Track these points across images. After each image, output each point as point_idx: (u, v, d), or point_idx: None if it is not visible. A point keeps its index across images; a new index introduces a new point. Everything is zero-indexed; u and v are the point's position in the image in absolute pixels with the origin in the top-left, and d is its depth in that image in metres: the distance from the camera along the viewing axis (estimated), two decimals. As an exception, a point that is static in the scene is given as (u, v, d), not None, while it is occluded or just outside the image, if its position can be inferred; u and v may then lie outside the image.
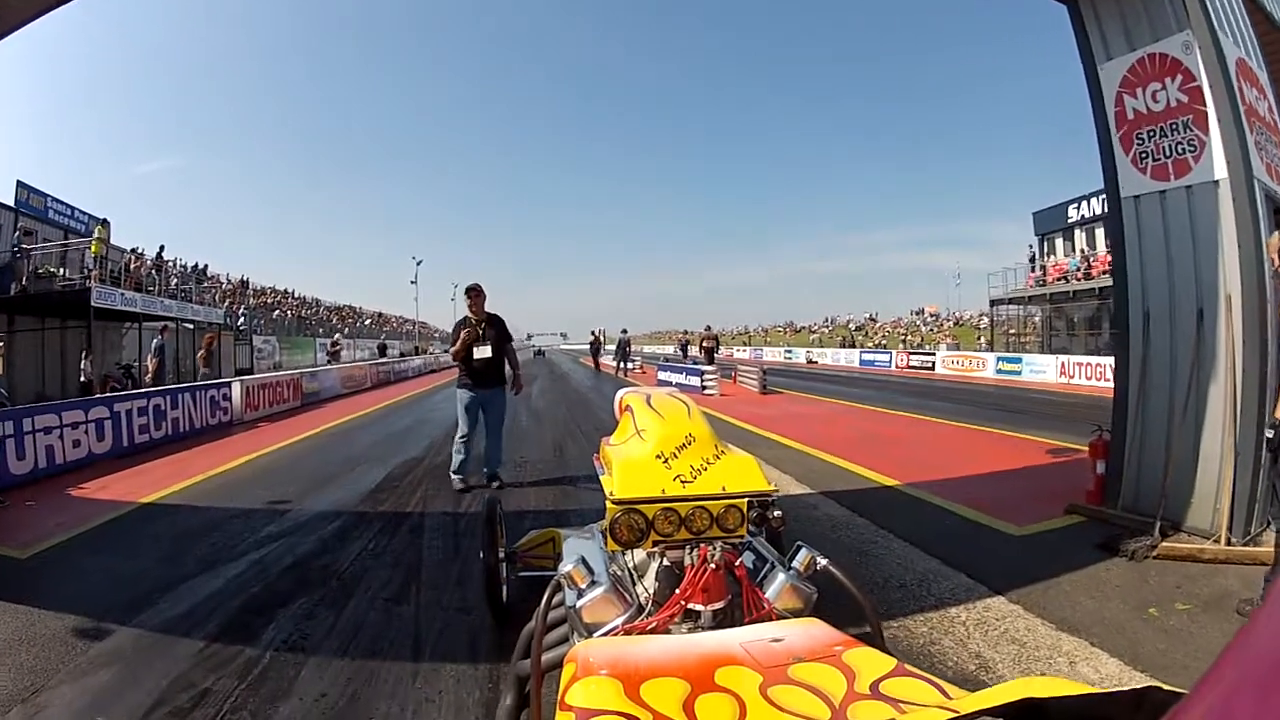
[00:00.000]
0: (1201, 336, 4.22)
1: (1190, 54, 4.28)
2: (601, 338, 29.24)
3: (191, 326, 19.70)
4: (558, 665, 1.20)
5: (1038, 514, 4.56)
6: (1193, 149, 4.35)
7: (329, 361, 19.31)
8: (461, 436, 5.60)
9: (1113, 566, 3.62)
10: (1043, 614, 2.98)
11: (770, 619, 1.47)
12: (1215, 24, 4.17)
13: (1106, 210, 5.01)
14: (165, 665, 2.63)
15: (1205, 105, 4.18)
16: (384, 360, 25.62)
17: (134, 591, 3.43)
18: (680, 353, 26.45)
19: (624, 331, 24.18)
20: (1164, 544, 3.79)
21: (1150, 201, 4.61)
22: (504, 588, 2.92)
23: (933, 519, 4.63)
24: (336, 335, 27.75)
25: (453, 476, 5.69)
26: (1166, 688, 0.63)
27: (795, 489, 5.58)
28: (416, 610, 3.14)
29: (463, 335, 5.48)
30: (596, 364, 27.06)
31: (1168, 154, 4.49)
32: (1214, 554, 3.73)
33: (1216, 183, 4.20)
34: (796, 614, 1.52)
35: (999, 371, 21.71)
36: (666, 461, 1.74)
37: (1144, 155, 4.64)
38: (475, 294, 5.54)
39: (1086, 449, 4.91)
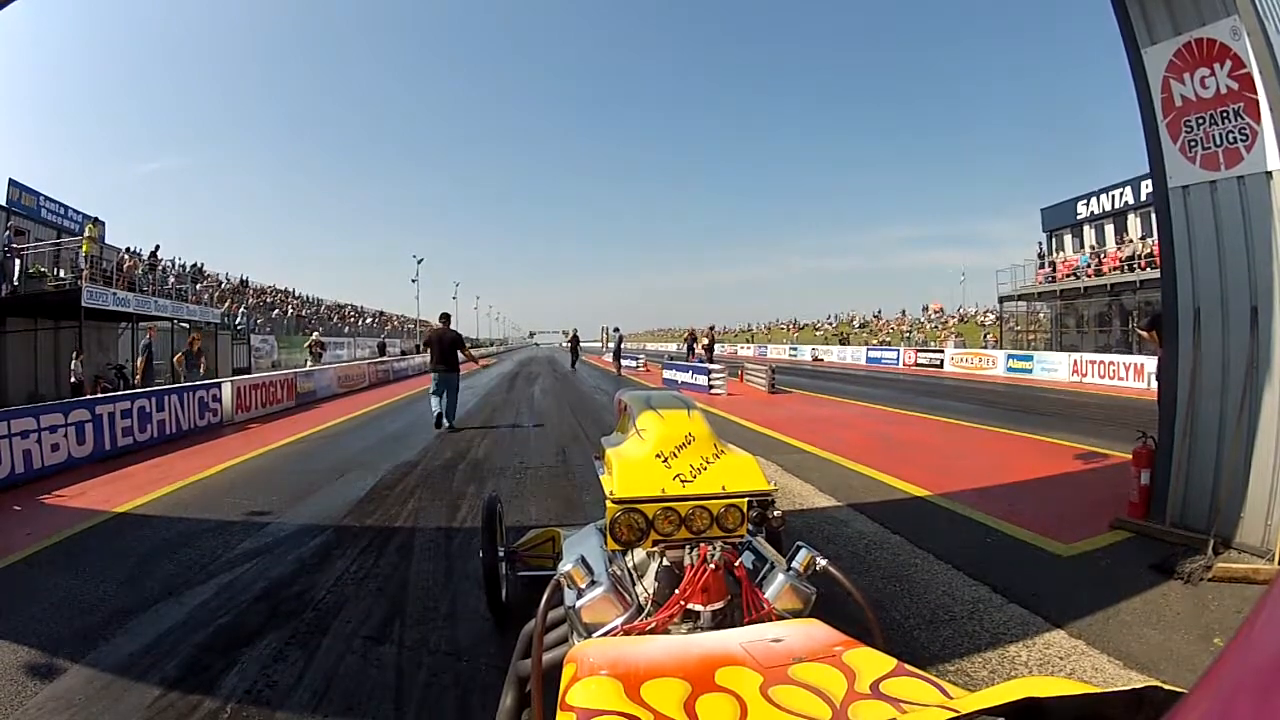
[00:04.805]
0: (1257, 338, 4.00)
1: (1239, 39, 4.14)
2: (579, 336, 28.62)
3: (188, 326, 19.44)
4: (558, 665, 1.16)
5: (1082, 530, 4.32)
6: (1244, 138, 4.21)
7: (309, 362, 17.91)
8: (435, 405, 9.33)
9: (1169, 591, 3.42)
10: (1107, 649, 2.79)
11: (770, 619, 1.45)
12: (1260, 12, 3.90)
13: (1154, 201, 4.74)
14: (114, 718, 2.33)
15: (1256, 93, 3.96)
16: (382, 359, 25.28)
17: (94, 618, 3.18)
18: (687, 349, 25.92)
19: (616, 330, 23.88)
20: (1219, 564, 3.61)
21: (1200, 193, 4.40)
22: (504, 587, 2.94)
23: (972, 536, 4.35)
24: (315, 334, 23.46)
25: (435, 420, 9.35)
26: (1167, 687, 0.63)
27: (821, 501, 5.28)
28: (399, 653, 2.78)
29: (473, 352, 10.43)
30: (574, 363, 26.61)
31: (1218, 142, 4.30)
32: (1268, 574, 3.56)
33: (1269, 174, 4.00)
34: (796, 614, 1.51)
35: (1010, 369, 21.34)
36: (666, 461, 1.74)
37: (1193, 143, 4.42)
38: (445, 319, 9.88)
39: (1115, 454, 4.61)
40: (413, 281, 43.90)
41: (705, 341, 21.14)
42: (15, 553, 4.21)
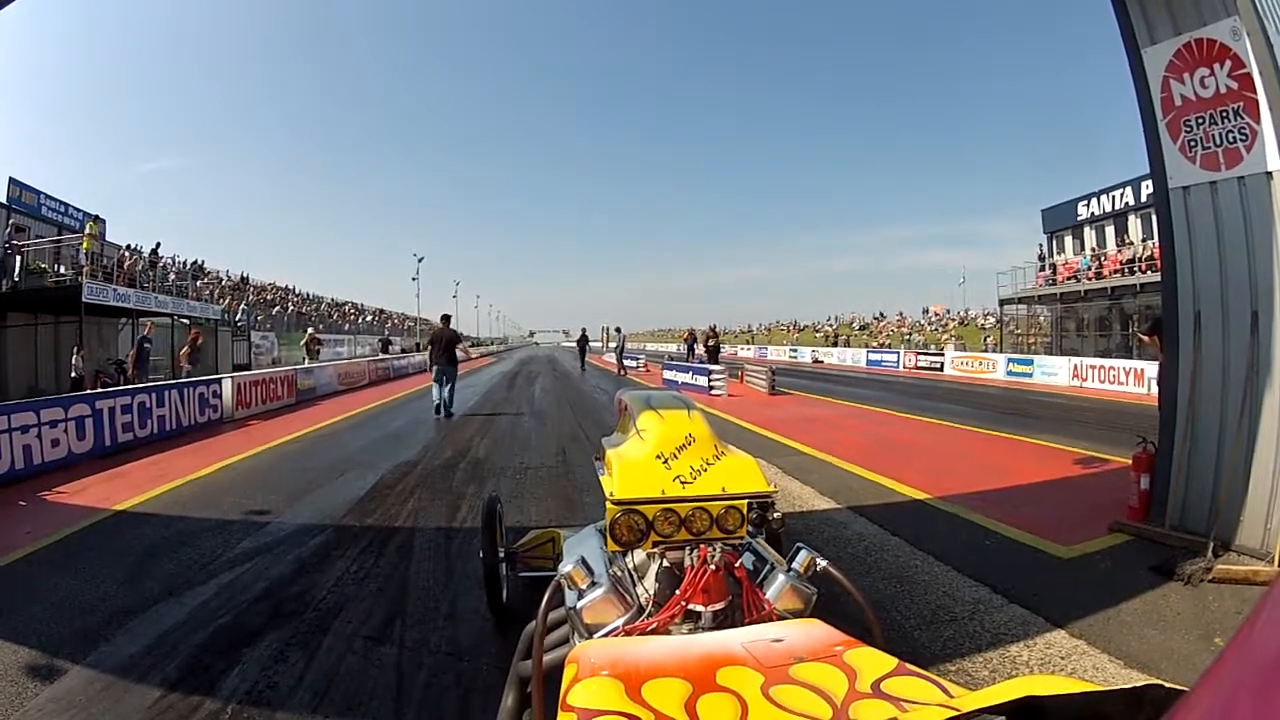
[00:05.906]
0: (1257, 341, 3.99)
1: (1239, 40, 4.13)
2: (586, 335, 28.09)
3: (188, 322, 19.45)
4: (559, 666, 1.17)
5: (1082, 533, 4.32)
6: (1244, 138, 4.19)
7: (305, 360, 17.42)
8: (435, 394, 10.72)
9: (1170, 592, 3.44)
10: (1108, 649, 2.80)
11: (771, 619, 1.45)
12: (1260, 12, 3.90)
13: (1155, 202, 4.73)
14: None
15: (1256, 93, 3.95)
16: (383, 357, 25.23)
17: (94, 618, 3.17)
18: (687, 349, 25.74)
19: (618, 330, 23.86)
20: (1219, 566, 3.62)
21: (1200, 193, 4.38)
22: (504, 587, 2.96)
23: (972, 539, 4.34)
24: (310, 330, 22.03)
25: (435, 408, 10.76)
26: (1168, 685, 0.63)
27: (821, 503, 5.27)
28: (400, 653, 2.78)
29: (469, 348, 12.58)
30: (583, 363, 26.22)
31: (1218, 142, 4.29)
32: (1268, 576, 3.57)
33: (1269, 174, 3.99)
34: (797, 614, 1.51)
35: (1010, 373, 21.30)
36: (666, 462, 1.73)
37: (1193, 143, 4.40)
38: (446, 320, 11.77)
39: (1114, 458, 4.60)
40: (413, 280, 44.08)
41: (710, 343, 20.65)
42: (15, 551, 4.20)
